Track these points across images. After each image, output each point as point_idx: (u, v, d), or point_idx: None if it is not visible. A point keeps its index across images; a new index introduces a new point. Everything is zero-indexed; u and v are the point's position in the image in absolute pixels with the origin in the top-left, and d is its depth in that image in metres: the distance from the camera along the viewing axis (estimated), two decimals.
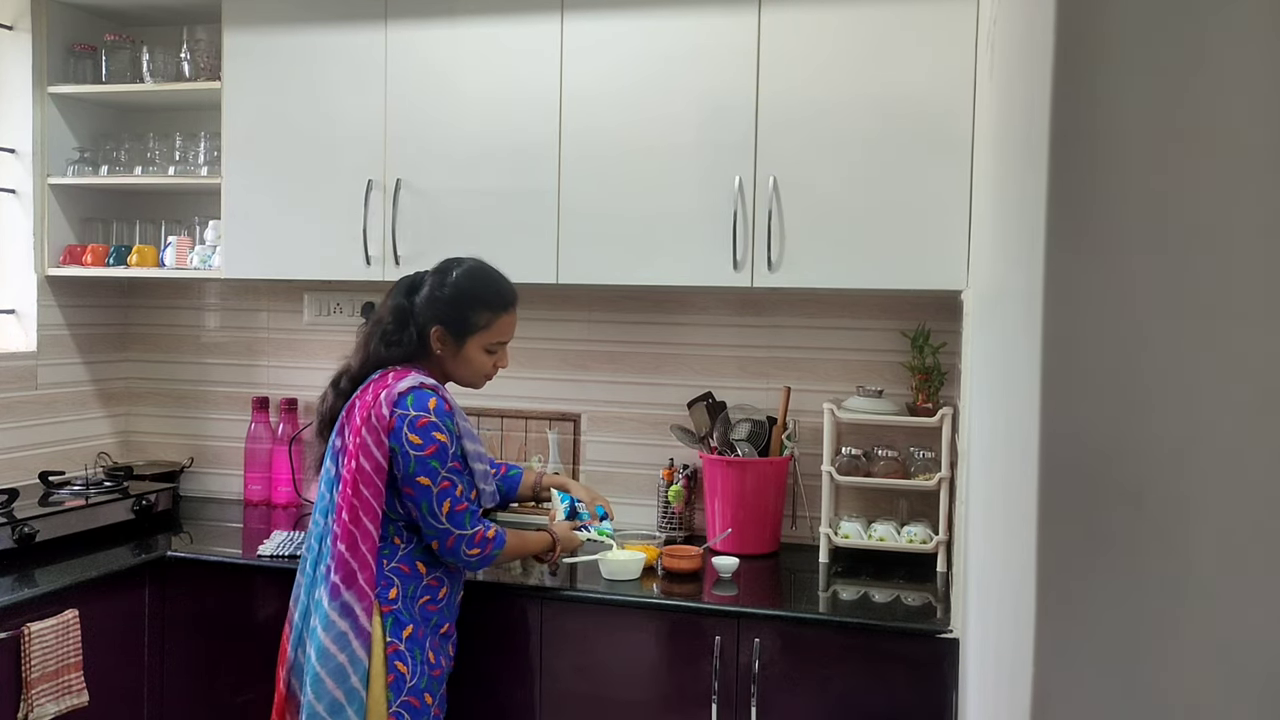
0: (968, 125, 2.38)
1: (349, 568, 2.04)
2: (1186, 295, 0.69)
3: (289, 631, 2.18)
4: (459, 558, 2.10)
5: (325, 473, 2.16)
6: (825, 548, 2.64)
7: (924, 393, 2.63)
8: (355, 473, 2.06)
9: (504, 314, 2.21)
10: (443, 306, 2.17)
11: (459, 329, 2.17)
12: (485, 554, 2.13)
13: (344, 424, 2.14)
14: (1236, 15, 0.67)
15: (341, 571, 2.04)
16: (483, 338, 2.19)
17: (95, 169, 3.15)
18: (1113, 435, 0.72)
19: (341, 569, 2.05)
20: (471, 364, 2.20)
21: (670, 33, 2.59)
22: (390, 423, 2.06)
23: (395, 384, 2.10)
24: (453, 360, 2.20)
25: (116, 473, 3.08)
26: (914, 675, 2.19)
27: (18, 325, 3.13)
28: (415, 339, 2.17)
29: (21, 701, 2.26)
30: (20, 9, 3.05)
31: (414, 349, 2.17)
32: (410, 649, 2.08)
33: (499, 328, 2.21)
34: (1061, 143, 0.75)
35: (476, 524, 2.11)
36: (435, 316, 2.17)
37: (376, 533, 2.07)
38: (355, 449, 2.07)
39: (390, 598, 2.08)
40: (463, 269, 2.21)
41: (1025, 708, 0.79)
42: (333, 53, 2.83)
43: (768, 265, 2.52)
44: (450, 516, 2.07)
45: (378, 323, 2.21)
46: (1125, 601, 0.71)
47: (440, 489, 2.06)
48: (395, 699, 2.05)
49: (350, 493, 2.06)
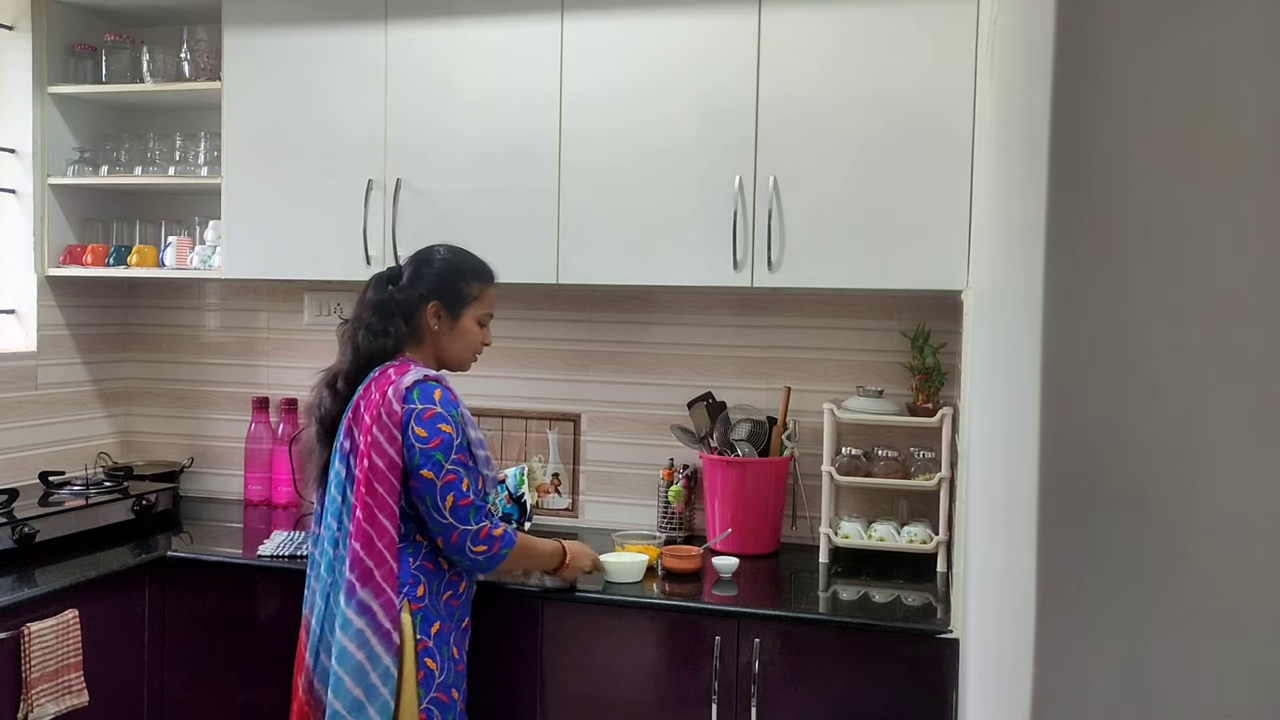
0: (968, 125, 2.38)
1: (364, 565, 2.03)
2: (1187, 295, 0.69)
3: (305, 638, 2.17)
4: (464, 555, 2.08)
5: (335, 475, 2.14)
6: (825, 548, 2.64)
7: (924, 393, 2.63)
8: (369, 471, 2.05)
9: (490, 286, 2.28)
10: (435, 281, 2.20)
11: (454, 301, 2.21)
12: (492, 553, 2.10)
13: (350, 425, 2.13)
14: (1236, 15, 0.67)
15: (357, 570, 2.03)
16: (475, 309, 2.23)
17: (95, 169, 3.15)
18: (1113, 435, 0.72)
19: (357, 567, 2.03)
20: (467, 336, 2.23)
21: (670, 33, 2.59)
22: (401, 418, 2.06)
23: (400, 379, 2.10)
24: (449, 336, 2.21)
25: (116, 473, 3.08)
26: (914, 675, 2.19)
27: (18, 325, 3.13)
28: (404, 326, 2.18)
29: (21, 701, 2.26)
30: (20, 9, 3.05)
31: (402, 337, 2.18)
32: (438, 645, 2.09)
33: (487, 299, 2.26)
34: (1061, 143, 0.75)
35: (482, 520, 2.09)
36: (428, 293, 2.19)
37: (394, 530, 2.05)
38: (367, 447, 2.06)
39: (418, 595, 2.07)
40: (444, 248, 2.28)
41: (1025, 708, 0.79)
42: (333, 53, 2.83)
43: (768, 265, 2.52)
44: (454, 511, 2.05)
45: (358, 319, 2.21)
46: (1125, 601, 0.71)
47: (445, 482, 2.05)
48: (426, 695, 2.05)
49: (364, 491, 2.05)
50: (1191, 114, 0.69)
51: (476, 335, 2.25)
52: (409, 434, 2.05)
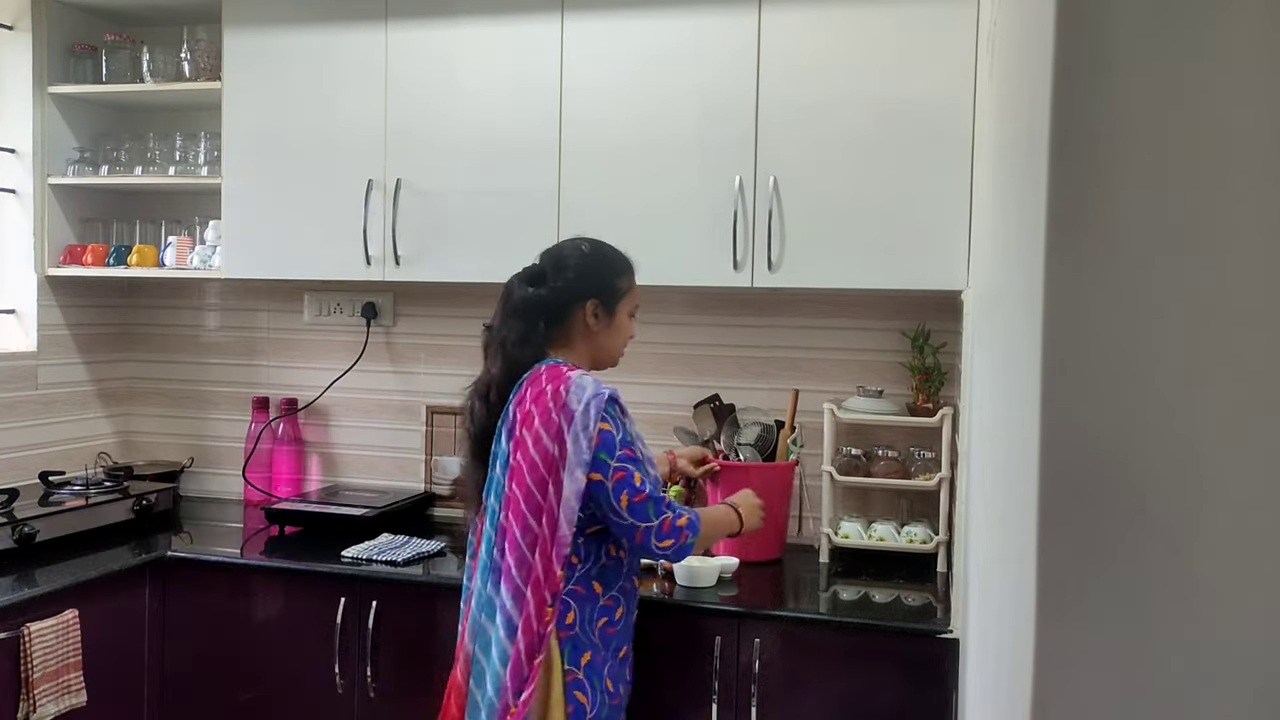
0: (968, 125, 2.38)
1: (528, 564, 1.94)
2: (1187, 295, 0.69)
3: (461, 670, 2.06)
4: (651, 553, 1.97)
5: (495, 483, 2.03)
6: (825, 548, 2.64)
7: (924, 393, 2.63)
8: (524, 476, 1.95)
9: (634, 277, 2.18)
10: (592, 278, 2.09)
11: (610, 297, 2.11)
12: (681, 544, 1.97)
13: (510, 432, 2.01)
14: (1236, 15, 0.67)
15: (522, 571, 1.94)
16: (628, 303, 2.15)
17: (95, 169, 3.15)
18: (1113, 435, 0.72)
19: (522, 567, 1.94)
20: (622, 332, 2.15)
21: (670, 33, 2.59)
22: (561, 423, 1.95)
23: (555, 382, 1.98)
24: (606, 333, 2.11)
25: (116, 473, 3.08)
26: (914, 675, 2.19)
27: (18, 325, 3.13)
28: (557, 325, 2.08)
29: (22, 701, 2.26)
30: (20, 9, 3.05)
31: (553, 337, 2.08)
32: (589, 677, 1.96)
33: (635, 292, 2.17)
34: (1061, 143, 0.75)
35: (662, 512, 1.95)
36: (586, 291, 2.08)
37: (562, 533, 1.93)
38: (526, 459, 1.96)
39: (567, 623, 1.94)
40: (585, 243, 2.16)
41: (1025, 708, 0.79)
42: (333, 52, 2.83)
43: (768, 265, 2.52)
44: (632, 509, 1.93)
45: (504, 325, 2.09)
46: (1125, 602, 0.71)
47: (615, 481, 1.92)
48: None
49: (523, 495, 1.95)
50: (1191, 114, 0.69)
51: (629, 329, 2.17)
52: (575, 439, 1.93)
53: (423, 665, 2.46)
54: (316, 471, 3.25)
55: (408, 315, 3.18)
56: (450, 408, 3.05)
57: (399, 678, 2.49)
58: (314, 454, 3.26)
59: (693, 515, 2.01)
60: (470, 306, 3.08)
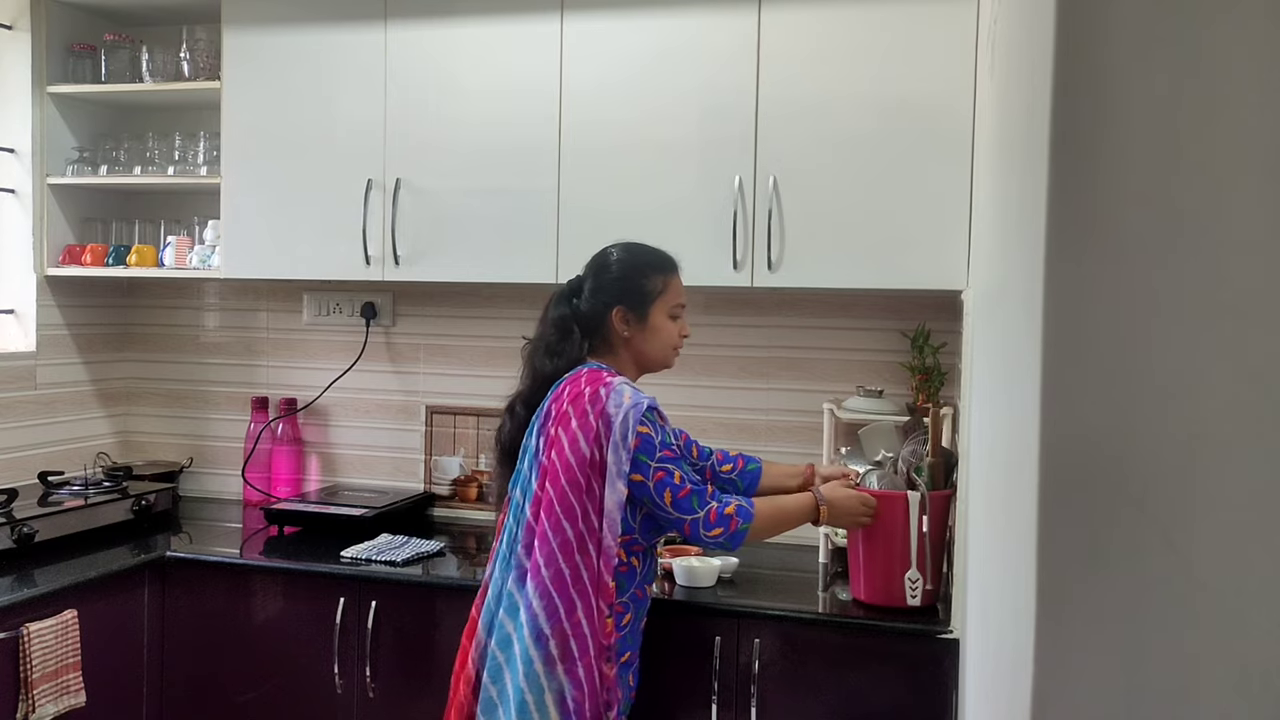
0: (968, 125, 2.38)
1: (556, 563, 1.95)
2: (1187, 295, 0.69)
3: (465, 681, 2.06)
4: (703, 542, 2.03)
5: (520, 476, 2.07)
6: (825, 548, 2.64)
7: (924, 393, 2.63)
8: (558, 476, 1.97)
9: (674, 275, 2.16)
10: (616, 286, 2.11)
11: (638, 301, 2.11)
12: (731, 531, 2.00)
13: (543, 428, 2.03)
14: (1236, 15, 0.67)
15: (551, 569, 1.95)
16: (663, 303, 2.13)
17: (95, 169, 3.15)
18: (1113, 435, 0.72)
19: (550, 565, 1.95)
20: (660, 334, 2.13)
21: (670, 32, 2.59)
22: (599, 429, 1.97)
23: (595, 385, 2.01)
24: (641, 338, 2.12)
25: (116, 473, 3.08)
26: (914, 675, 2.19)
27: (17, 325, 3.13)
28: (595, 335, 2.10)
29: (21, 701, 2.26)
30: (20, 9, 3.05)
31: (594, 347, 2.10)
32: None
33: (674, 289, 2.15)
34: (1061, 143, 0.75)
35: (706, 503, 1.99)
36: (611, 300, 2.10)
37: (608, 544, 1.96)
38: (561, 459, 1.98)
39: None
40: (618, 248, 2.17)
41: (1025, 708, 0.79)
42: (332, 52, 2.83)
43: (768, 265, 2.52)
44: (675, 505, 1.97)
45: (540, 338, 2.14)
46: (1125, 602, 0.71)
47: (655, 481, 1.97)
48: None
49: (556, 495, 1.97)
50: (1191, 114, 0.69)
51: (671, 329, 2.14)
52: (612, 448, 1.96)
53: (422, 665, 2.46)
54: (316, 472, 3.25)
55: (407, 315, 3.18)
56: (450, 408, 3.06)
57: (398, 678, 2.49)
58: (313, 454, 3.26)
59: (744, 502, 2.04)
60: (470, 306, 3.08)
